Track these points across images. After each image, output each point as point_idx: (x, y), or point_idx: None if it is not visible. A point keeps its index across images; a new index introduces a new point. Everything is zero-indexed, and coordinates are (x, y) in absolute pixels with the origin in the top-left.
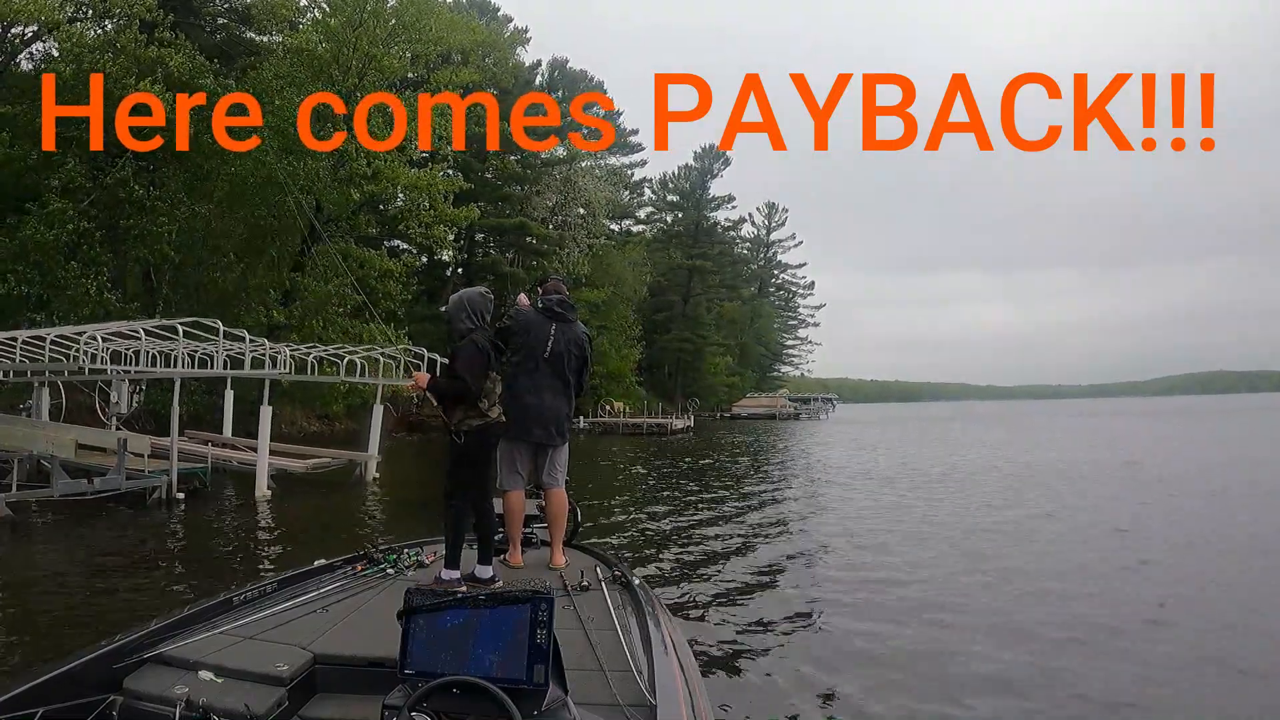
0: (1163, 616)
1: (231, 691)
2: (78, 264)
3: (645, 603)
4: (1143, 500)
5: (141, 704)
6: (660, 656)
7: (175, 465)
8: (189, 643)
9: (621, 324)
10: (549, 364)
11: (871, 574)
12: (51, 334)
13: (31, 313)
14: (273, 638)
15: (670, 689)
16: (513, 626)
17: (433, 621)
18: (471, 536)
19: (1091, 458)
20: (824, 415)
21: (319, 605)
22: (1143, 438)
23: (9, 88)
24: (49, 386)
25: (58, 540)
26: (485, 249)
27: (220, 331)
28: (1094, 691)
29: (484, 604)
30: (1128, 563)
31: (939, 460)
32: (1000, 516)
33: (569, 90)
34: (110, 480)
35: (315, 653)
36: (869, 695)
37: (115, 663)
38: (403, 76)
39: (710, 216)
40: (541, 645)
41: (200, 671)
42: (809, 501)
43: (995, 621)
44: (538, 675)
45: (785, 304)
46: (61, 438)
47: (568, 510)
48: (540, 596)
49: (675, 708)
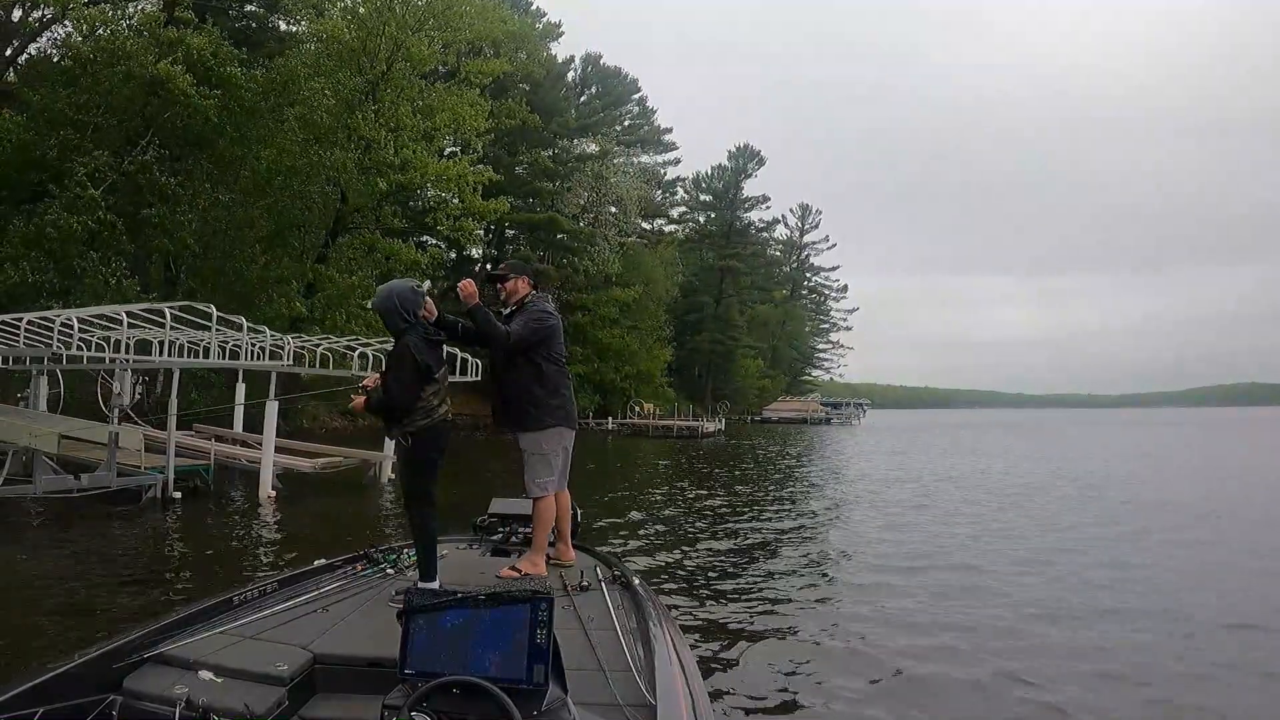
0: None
1: (231, 691)
2: (97, 253)
3: (645, 603)
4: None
5: (141, 704)
6: (660, 656)
7: (172, 462)
8: (189, 643)
9: (652, 324)
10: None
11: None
12: (26, 318)
13: (49, 301)
14: (273, 638)
15: (670, 689)
16: (512, 626)
17: (433, 621)
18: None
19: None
20: (856, 421)
21: (319, 605)
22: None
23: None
24: (48, 375)
25: (40, 542)
26: (515, 245)
27: (214, 317)
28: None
29: (484, 604)
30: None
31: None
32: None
33: (602, 86)
34: (99, 477)
35: (315, 653)
36: (870, 697)
37: (115, 663)
38: (433, 66)
39: (744, 217)
40: (541, 645)
41: (200, 671)
42: (835, 510)
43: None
44: (538, 675)
45: (817, 307)
46: (43, 430)
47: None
48: (540, 596)
49: (675, 708)
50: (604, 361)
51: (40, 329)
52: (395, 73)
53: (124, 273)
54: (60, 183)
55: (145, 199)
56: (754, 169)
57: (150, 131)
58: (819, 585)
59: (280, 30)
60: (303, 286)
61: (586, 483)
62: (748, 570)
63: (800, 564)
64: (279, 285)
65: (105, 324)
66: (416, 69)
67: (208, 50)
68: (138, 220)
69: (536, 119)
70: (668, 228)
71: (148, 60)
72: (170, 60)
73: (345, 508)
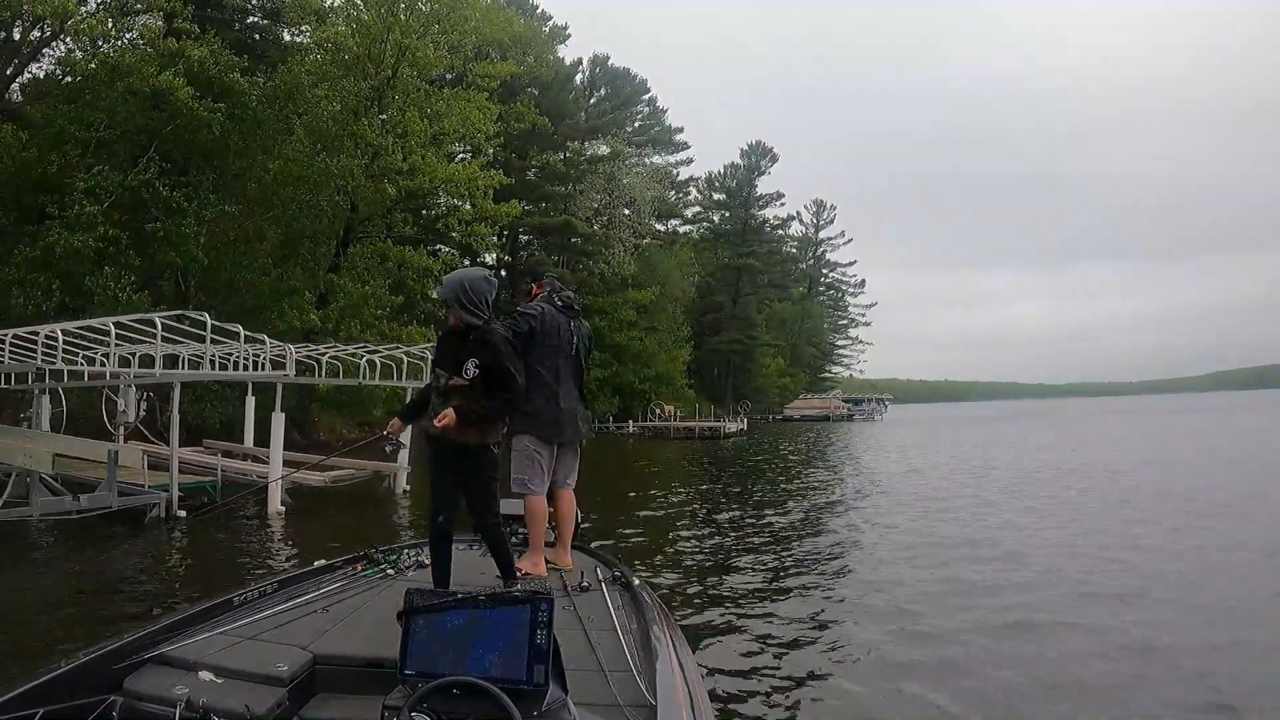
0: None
1: (231, 692)
2: (111, 268)
3: (645, 603)
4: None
5: (142, 704)
6: (660, 657)
7: (175, 479)
8: (189, 643)
9: (670, 325)
10: (572, 361)
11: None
12: (11, 333)
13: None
14: (273, 638)
15: (670, 689)
16: (513, 627)
17: (433, 622)
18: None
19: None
20: (878, 416)
21: (319, 605)
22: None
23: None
24: (50, 394)
25: (28, 565)
26: (529, 250)
27: (208, 326)
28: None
29: (484, 604)
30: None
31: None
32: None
33: (611, 87)
34: (99, 497)
35: (315, 653)
36: (870, 698)
37: (115, 663)
38: (439, 71)
39: (758, 214)
40: (541, 646)
41: (200, 672)
42: (860, 514)
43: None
44: (538, 676)
45: (835, 303)
46: (38, 449)
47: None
48: (540, 597)
49: (675, 708)
50: (623, 364)
51: (26, 344)
52: (401, 78)
53: (133, 288)
54: (62, 201)
55: (152, 214)
56: (767, 165)
57: (153, 145)
58: (819, 586)
59: (284, 41)
60: (315, 297)
61: (596, 488)
62: (747, 572)
63: (803, 564)
64: (291, 296)
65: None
66: (422, 74)
67: (209, 61)
68: (144, 236)
69: (546, 122)
70: (682, 228)
71: (149, 73)
72: (171, 72)
73: (357, 522)
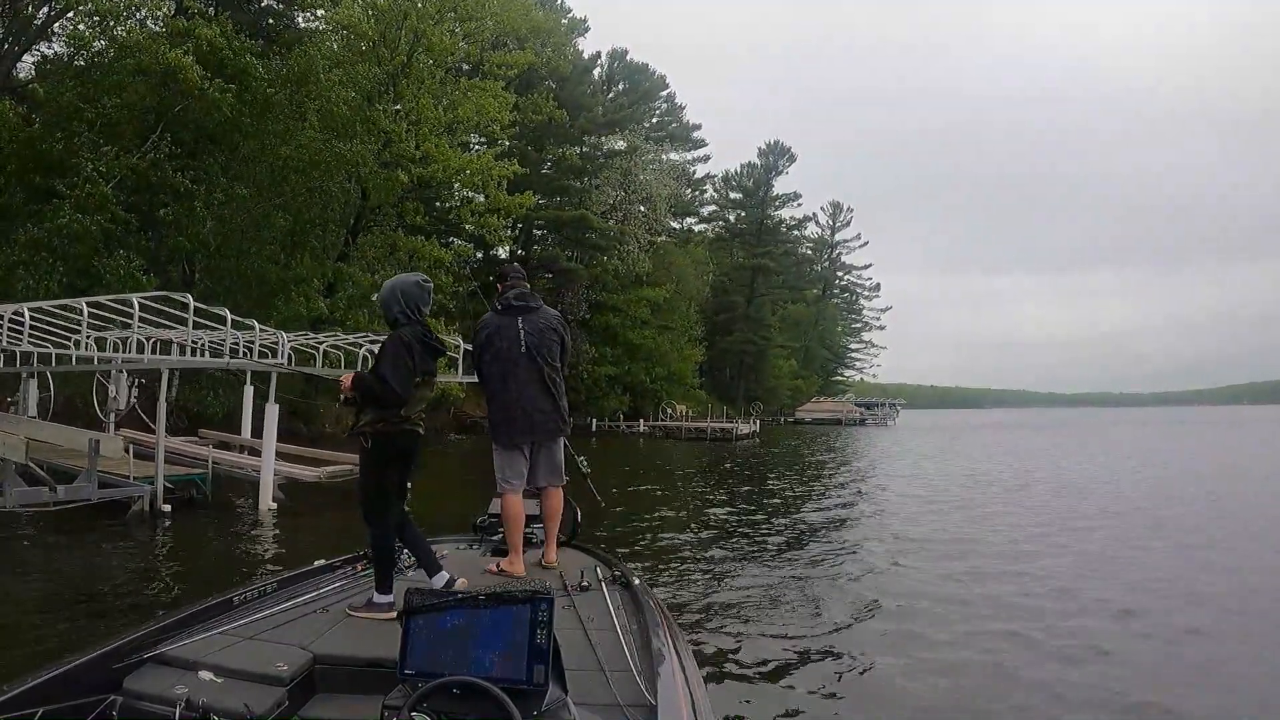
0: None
1: (231, 691)
2: (123, 250)
3: (645, 603)
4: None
5: (141, 704)
6: (660, 657)
7: (160, 471)
8: (189, 643)
9: (683, 324)
10: (526, 359)
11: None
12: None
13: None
14: (273, 638)
15: (670, 689)
16: (513, 627)
17: (433, 622)
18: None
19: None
20: (891, 422)
21: (319, 605)
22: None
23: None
24: (37, 379)
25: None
26: (543, 244)
27: (191, 308)
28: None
29: (484, 604)
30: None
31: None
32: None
33: (629, 82)
34: (78, 489)
35: (315, 653)
36: (871, 699)
37: (115, 663)
38: (454, 56)
39: (774, 215)
40: (541, 645)
41: (200, 671)
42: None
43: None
44: (538, 675)
45: (849, 306)
46: (11, 437)
47: (563, 509)
48: (540, 596)
49: (675, 708)
50: (634, 362)
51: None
52: (416, 64)
53: (138, 270)
54: (69, 181)
55: (159, 198)
56: (785, 165)
57: (160, 126)
58: (823, 591)
59: (299, 26)
60: (323, 286)
61: (599, 488)
62: (749, 574)
63: (808, 568)
64: (299, 284)
65: (100, 324)
66: (438, 60)
67: (220, 41)
68: (152, 218)
69: (563, 114)
70: (698, 226)
71: (158, 50)
72: (181, 50)
73: (352, 520)
